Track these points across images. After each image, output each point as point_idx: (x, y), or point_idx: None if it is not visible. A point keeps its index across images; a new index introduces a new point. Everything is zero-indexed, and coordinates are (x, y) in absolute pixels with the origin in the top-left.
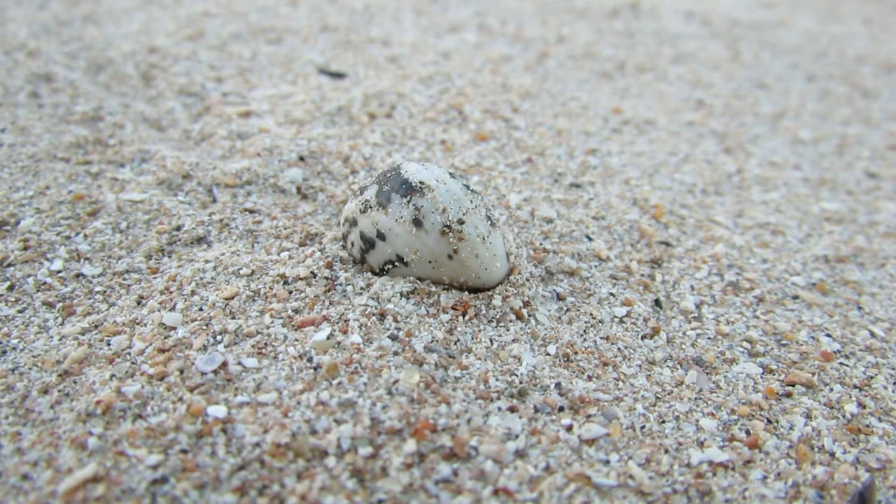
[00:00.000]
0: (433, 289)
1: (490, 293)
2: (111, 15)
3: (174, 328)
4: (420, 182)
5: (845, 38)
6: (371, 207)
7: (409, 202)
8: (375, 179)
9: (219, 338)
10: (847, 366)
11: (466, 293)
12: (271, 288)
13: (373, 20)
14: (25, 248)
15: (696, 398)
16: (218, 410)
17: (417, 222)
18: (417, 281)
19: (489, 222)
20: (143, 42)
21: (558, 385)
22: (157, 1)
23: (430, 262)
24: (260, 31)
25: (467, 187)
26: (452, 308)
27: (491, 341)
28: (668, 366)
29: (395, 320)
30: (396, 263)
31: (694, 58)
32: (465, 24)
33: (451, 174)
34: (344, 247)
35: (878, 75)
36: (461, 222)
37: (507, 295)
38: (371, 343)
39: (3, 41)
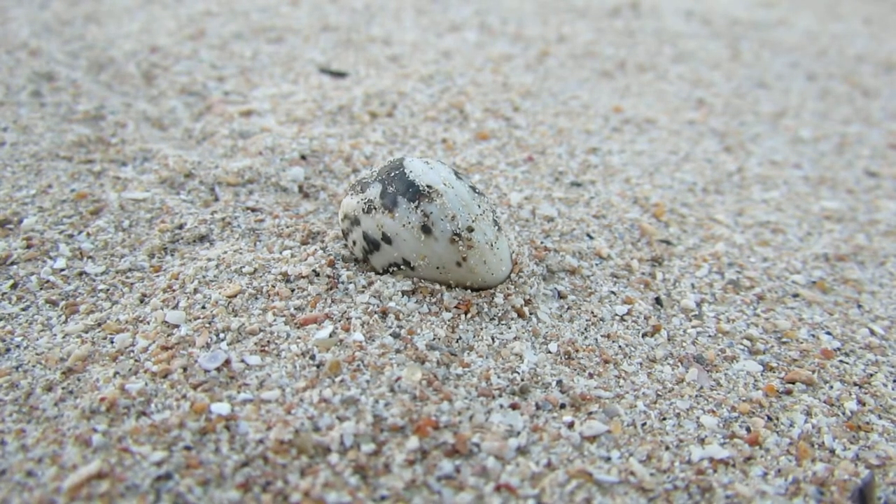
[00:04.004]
0: (436, 287)
1: (492, 291)
2: (112, 14)
3: (177, 326)
4: (428, 186)
5: (845, 37)
6: (375, 209)
7: (417, 207)
8: (378, 177)
9: (221, 335)
10: (847, 363)
11: (469, 291)
12: (273, 286)
13: (374, 19)
14: (28, 247)
15: (696, 395)
16: (221, 407)
17: (426, 229)
18: (419, 279)
19: (496, 227)
20: (144, 41)
21: (560, 382)
22: (158, 0)
23: (437, 267)
24: (261, 31)
25: (473, 189)
26: (455, 307)
27: (492, 339)
28: (668, 363)
29: (397, 318)
30: (402, 266)
31: (694, 57)
32: (466, 23)
33: (456, 173)
34: (345, 245)
35: (879, 74)
36: (470, 230)
37: (509, 293)
38: (373, 341)
39: (4, 40)
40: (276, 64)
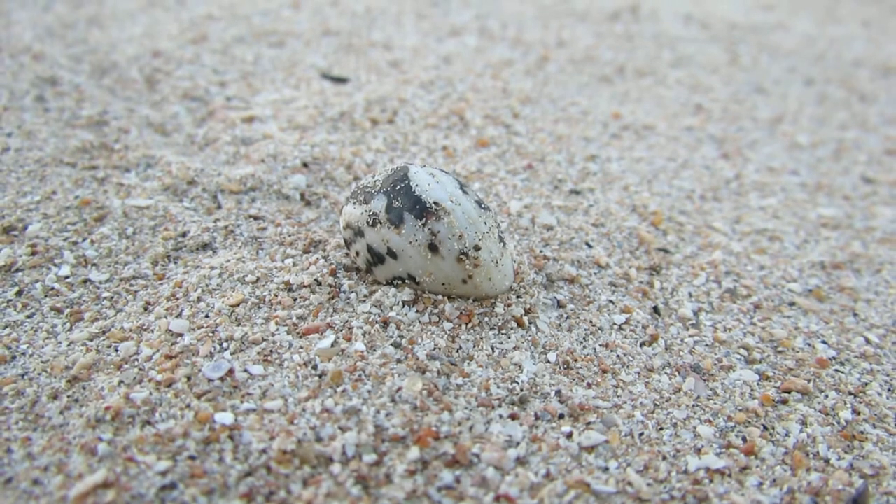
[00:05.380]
0: (437, 298)
1: (492, 301)
2: (115, 17)
3: (181, 335)
4: (435, 203)
5: (843, 40)
6: (381, 223)
7: (424, 225)
8: (382, 187)
9: (225, 345)
10: (842, 372)
11: (470, 300)
12: (276, 295)
13: (374, 24)
14: (33, 254)
15: (693, 405)
16: (225, 417)
17: (433, 248)
18: (422, 291)
19: (502, 244)
20: (146, 45)
21: (558, 392)
22: (160, 3)
23: (443, 283)
24: (262, 35)
25: (479, 204)
26: (457, 317)
27: (492, 349)
28: (666, 373)
29: (398, 328)
30: (407, 281)
31: (693, 61)
32: (466, 27)
33: (461, 185)
34: (347, 254)
35: (876, 79)
36: (477, 248)
37: (510, 303)
38: (374, 351)
39: (8, 44)
40: (277, 69)
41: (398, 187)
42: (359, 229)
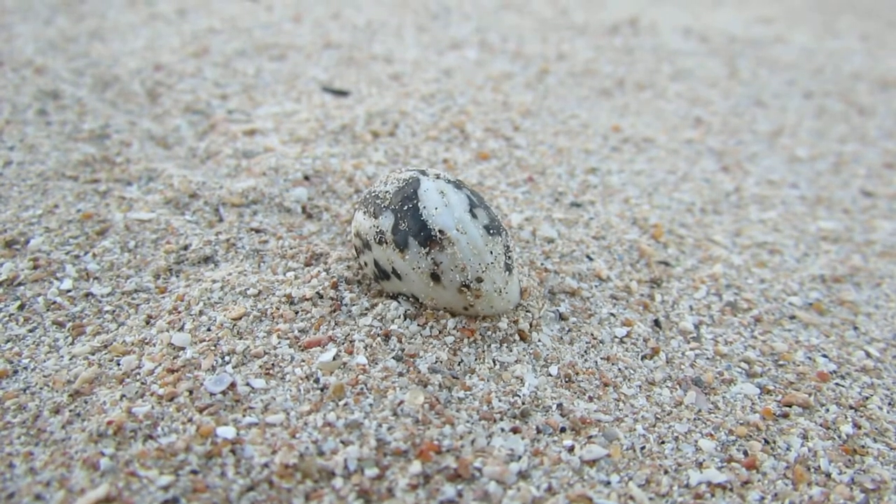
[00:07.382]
0: (440, 312)
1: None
2: (117, 31)
3: (183, 348)
4: (440, 231)
5: (842, 54)
6: (386, 242)
7: (427, 254)
8: (391, 203)
9: (227, 358)
10: (843, 386)
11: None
12: (278, 308)
13: (375, 37)
14: (35, 268)
15: (694, 419)
16: (227, 431)
17: (435, 277)
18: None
19: (507, 272)
20: (148, 59)
21: (560, 406)
22: (161, 17)
23: (445, 307)
24: (264, 48)
25: (488, 230)
26: (459, 330)
27: (494, 362)
28: (667, 386)
29: (400, 341)
30: (411, 299)
31: (692, 75)
32: (467, 40)
33: (472, 208)
34: (351, 265)
35: (874, 92)
36: (479, 280)
37: (516, 319)
38: (376, 364)
39: (10, 57)
40: (278, 82)
41: (406, 207)
42: (368, 243)
